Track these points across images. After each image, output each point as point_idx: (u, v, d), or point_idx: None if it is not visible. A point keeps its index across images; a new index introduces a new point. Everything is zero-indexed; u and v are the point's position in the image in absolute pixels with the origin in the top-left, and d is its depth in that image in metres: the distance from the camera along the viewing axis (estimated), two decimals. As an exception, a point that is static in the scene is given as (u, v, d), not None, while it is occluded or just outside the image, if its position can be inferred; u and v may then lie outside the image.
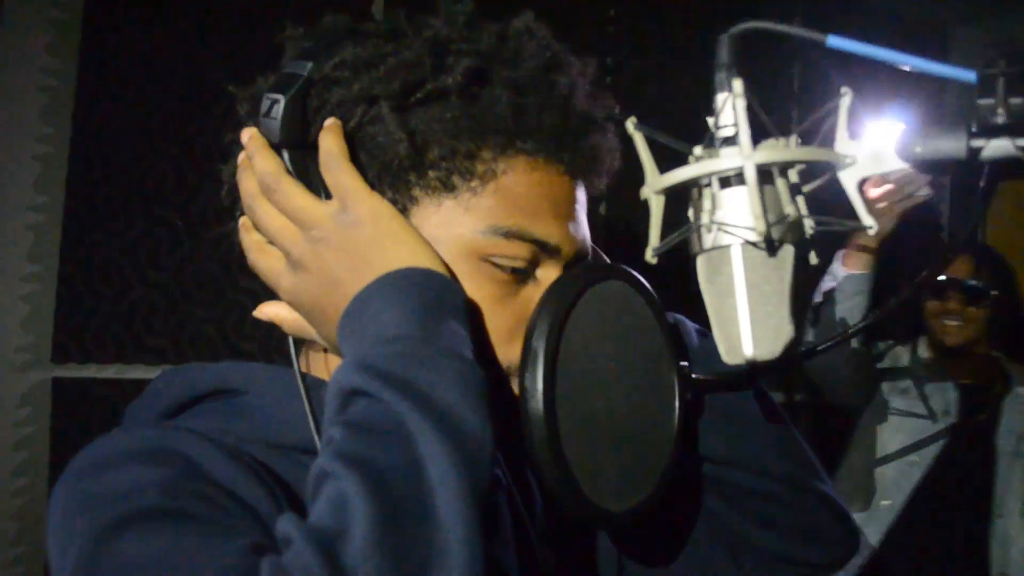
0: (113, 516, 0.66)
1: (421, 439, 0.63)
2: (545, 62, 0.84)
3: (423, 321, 0.70)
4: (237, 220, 0.87)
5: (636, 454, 0.82)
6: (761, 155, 0.67)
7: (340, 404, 0.69)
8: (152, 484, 0.68)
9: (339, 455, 0.63)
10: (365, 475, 0.61)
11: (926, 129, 0.68)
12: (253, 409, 0.84)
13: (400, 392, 0.65)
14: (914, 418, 2.50)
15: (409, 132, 0.80)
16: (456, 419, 0.65)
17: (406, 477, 0.62)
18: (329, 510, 0.61)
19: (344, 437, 0.65)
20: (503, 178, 0.82)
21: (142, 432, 0.76)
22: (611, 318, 0.82)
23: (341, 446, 0.65)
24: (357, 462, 0.62)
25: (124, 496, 0.68)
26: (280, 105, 0.79)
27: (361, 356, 0.69)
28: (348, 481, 0.61)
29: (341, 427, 0.66)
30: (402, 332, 0.70)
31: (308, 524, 0.62)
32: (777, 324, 0.69)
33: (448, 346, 0.70)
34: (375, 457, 0.63)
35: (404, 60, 0.80)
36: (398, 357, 0.68)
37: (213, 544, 0.64)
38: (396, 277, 0.73)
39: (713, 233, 0.70)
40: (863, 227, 0.69)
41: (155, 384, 0.90)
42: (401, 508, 0.61)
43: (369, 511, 0.59)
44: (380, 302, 0.72)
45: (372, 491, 0.60)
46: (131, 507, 0.66)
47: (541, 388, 0.75)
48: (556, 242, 0.83)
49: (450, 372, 0.67)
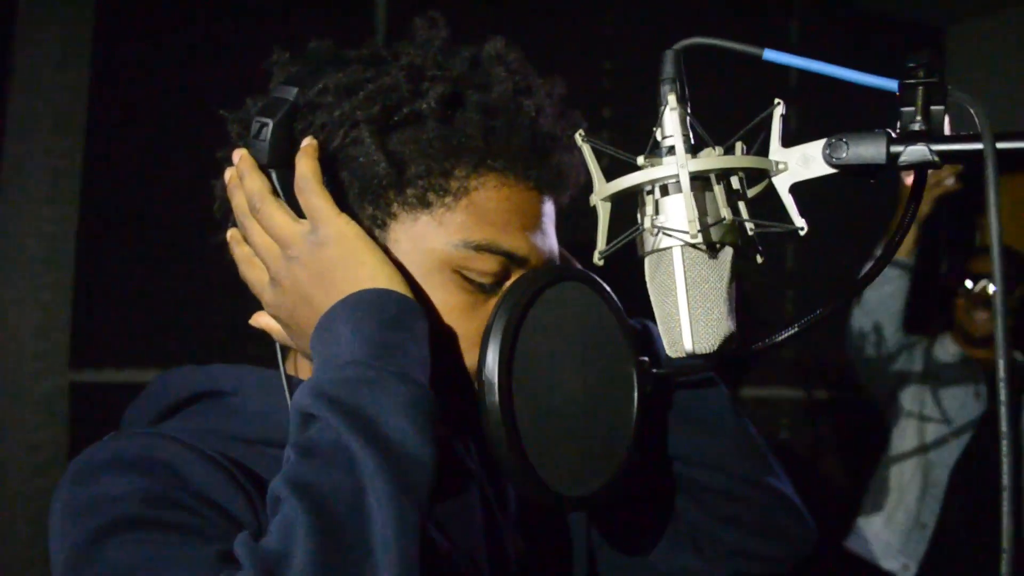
0: (97, 524, 0.72)
1: (363, 465, 0.67)
2: (514, 86, 0.89)
3: (377, 344, 0.74)
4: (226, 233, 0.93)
5: (595, 443, 0.87)
6: (696, 163, 0.72)
7: (299, 425, 0.73)
8: (134, 493, 0.74)
9: (288, 480, 0.68)
10: (310, 501, 0.66)
11: (851, 136, 0.72)
12: (241, 409, 0.90)
13: (346, 418, 0.69)
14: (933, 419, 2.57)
15: (388, 153, 0.85)
16: (398, 444, 0.69)
17: (346, 503, 0.66)
18: (277, 534, 0.66)
19: (295, 461, 0.70)
20: (475, 194, 0.87)
21: (130, 440, 0.82)
22: (569, 317, 0.87)
23: (291, 470, 0.69)
24: (303, 487, 0.67)
25: (108, 504, 0.74)
26: (268, 128, 0.84)
27: (316, 380, 0.74)
28: (294, 506, 0.66)
29: (295, 450, 0.71)
30: (356, 356, 0.74)
31: (257, 547, 0.66)
32: (716, 320, 0.75)
33: (398, 370, 0.73)
34: (320, 482, 0.67)
35: (382, 86, 0.85)
36: (348, 383, 0.72)
37: (186, 552, 0.70)
38: (357, 299, 0.78)
39: (656, 236, 0.75)
40: (795, 228, 0.74)
41: (152, 387, 0.96)
42: (340, 533, 0.65)
43: (310, 536, 0.64)
44: (340, 324, 0.77)
45: (314, 517, 0.65)
46: (114, 516, 0.73)
47: (497, 381, 0.79)
48: (524, 254, 0.88)
49: (398, 396, 0.71)
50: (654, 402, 1.03)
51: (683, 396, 1.04)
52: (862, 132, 0.73)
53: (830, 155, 0.73)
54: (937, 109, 0.72)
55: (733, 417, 1.06)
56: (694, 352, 0.74)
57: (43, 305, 2.18)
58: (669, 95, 0.75)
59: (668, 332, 0.76)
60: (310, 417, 0.72)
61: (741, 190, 0.78)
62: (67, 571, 0.72)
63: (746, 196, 0.78)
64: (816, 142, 0.74)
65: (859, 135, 0.72)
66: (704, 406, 1.05)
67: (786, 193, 0.75)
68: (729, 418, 1.06)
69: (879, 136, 0.71)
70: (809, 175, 0.75)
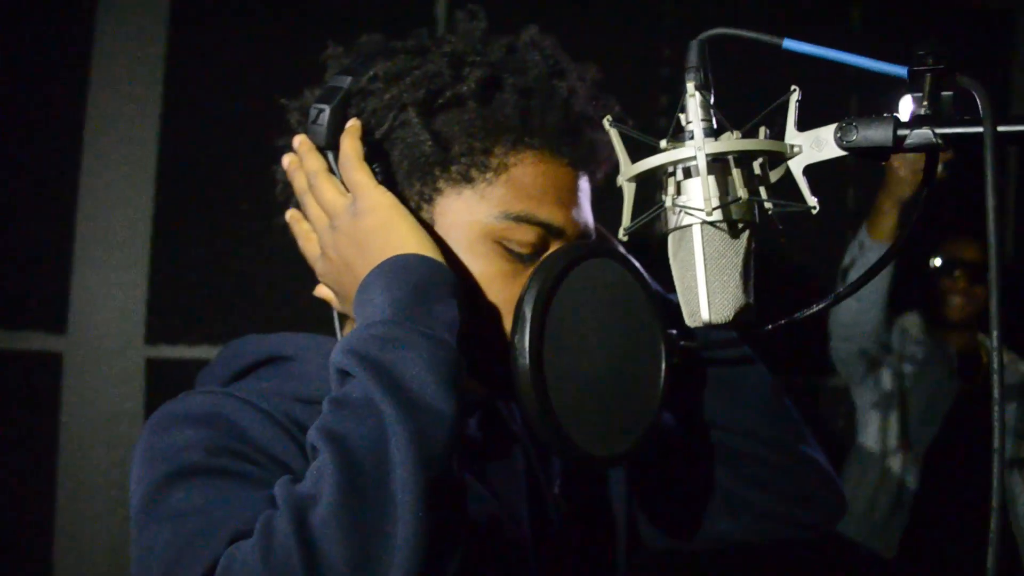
0: (167, 470, 0.81)
1: (386, 415, 0.73)
2: (548, 69, 0.95)
3: (406, 305, 0.80)
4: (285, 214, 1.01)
5: (622, 407, 0.92)
6: (713, 146, 0.77)
7: (337, 380, 0.80)
8: (199, 443, 0.83)
9: (320, 429, 0.75)
10: (337, 448, 0.72)
11: (861, 120, 0.77)
12: (301, 372, 0.98)
13: (373, 372, 0.75)
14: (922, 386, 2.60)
15: (433, 133, 0.92)
16: (419, 396, 0.75)
17: (370, 450, 0.72)
18: (309, 478, 0.73)
19: (328, 412, 0.77)
20: (514, 170, 0.93)
21: (200, 397, 0.90)
22: (600, 290, 0.93)
23: (324, 421, 0.76)
24: (332, 436, 0.73)
25: (177, 453, 0.82)
26: (325, 114, 0.92)
27: (348, 339, 0.80)
28: (325, 454, 0.72)
29: (329, 403, 0.78)
30: (385, 316, 0.80)
31: (292, 488, 0.73)
32: (732, 292, 0.80)
33: (423, 328, 0.79)
34: (347, 431, 0.73)
35: (427, 72, 0.93)
36: (375, 340, 0.78)
37: (241, 496, 0.78)
38: (390, 264, 0.84)
39: (678, 214, 0.81)
40: (808, 207, 0.79)
41: (223, 353, 1.04)
42: (363, 477, 0.71)
43: (335, 480, 0.70)
44: (374, 288, 0.83)
45: (340, 463, 0.71)
46: (181, 463, 0.81)
47: (528, 346, 0.85)
48: (560, 224, 0.94)
49: (421, 352, 0.77)
50: (692, 373, 1.08)
51: (720, 367, 1.09)
52: (871, 116, 0.77)
53: (841, 138, 0.77)
54: (945, 95, 0.76)
55: (767, 387, 1.11)
56: (710, 321, 0.79)
57: (121, 285, 2.28)
58: (690, 83, 0.80)
59: (687, 303, 0.81)
60: (344, 373, 0.78)
61: (763, 173, 0.83)
62: (140, 509, 0.81)
63: (768, 179, 0.83)
64: (828, 126, 0.78)
65: (868, 119, 0.77)
66: (739, 376, 1.10)
67: (800, 174, 0.80)
68: (763, 388, 1.11)
69: (887, 120, 0.76)
70: (822, 157, 0.79)
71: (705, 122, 0.80)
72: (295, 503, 0.70)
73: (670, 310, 1.06)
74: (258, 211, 2.30)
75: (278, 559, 0.67)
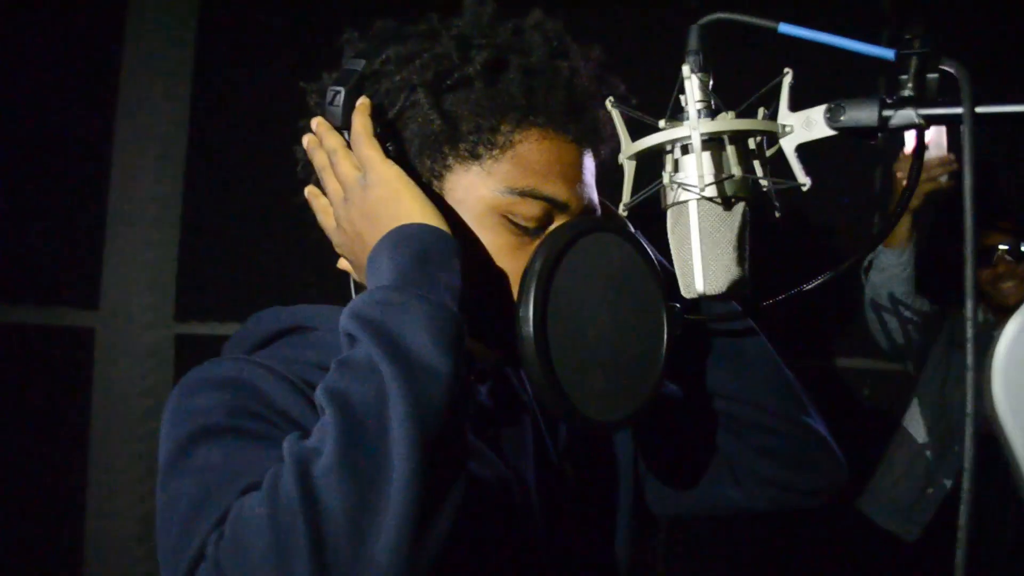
0: (191, 430, 0.87)
1: (385, 375, 0.77)
2: (551, 50, 0.99)
3: (408, 271, 0.84)
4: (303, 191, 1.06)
5: (624, 375, 0.96)
6: (708, 125, 0.82)
7: (346, 344, 0.84)
8: (222, 406, 0.88)
9: (325, 388, 0.79)
10: (340, 406, 0.76)
11: (848, 101, 0.81)
12: (321, 341, 1.03)
13: (374, 334, 0.80)
14: None
15: (442, 112, 0.97)
16: (417, 356, 0.78)
17: (369, 407, 0.76)
18: (315, 434, 0.77)
19: (333, 372, 0.81)
20: (519, 147, 0.97)
21: (224, 364, 0.96)
22: (603, 263, 0.97)
23: (329, 380, 0.80)
24: (335, 394, 0.78)
25: (201, 414, 0.88)
26: (341, 95, 0.97)
27: (354, 303, 0.85)
28: (328, 410, 0.77)
29: (335, 364, 0.82)
30: (388, 282, 0.85)
31: (298, 443, 0.78)
32: (725, 265, 0.84)
33: (424, 293, 0.83)
34: (349, 390, 0.77)
35: (435, 54, 0.97)
36: (378, 304, 0.82)
37: (260, 454, 0.83)
38: (396, 233, 0.88)
39: (675, 191, 0.85)
40: (799, 184, 0.83)
41: (248, 323, 1.10)
42: (363, 433, 0.75)
43: (337, 435, 0.75)
44: (381, 256, 0.88)
45: (342, 419, 0.75)
46: (204, 424, 0.87)
47: (532, 314, 0.89)
48: (564, 199, 0.98)
49: (420, 315, 0.81)
50: (697, 344, 1.12)
51: (724, 339, 1.14)
52: (858, 98, 0.81)
53: (830, 118, 0.82)
54: (931, 77, 0.80)
55: (769, 358, 1.16)
56: (704, 293, 0.84)
57: (152, 262, 2.33)
58: (686, 65, 0.84)
59: (684, 275, 0.86)
60: (350, 337, 0.83)
61: (758, 151, 0.87)
62: (166, 465, 0.87)
63: (764, 156, 0.87)
64: (818, 107, 0.82)
65: (855, 100, 0.81)
66: (742, 347, 1.14)
67: (791, 153, 0.84)
68: (765, 359, 1.15)
69: (872, 101, 0.80)
70: (812, 136, 0.83)
71: (702, 103, 0.84)
72: (300, 456, 0.75)
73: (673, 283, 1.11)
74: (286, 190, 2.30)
75: (282, 507, 0.72)
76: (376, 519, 0.72)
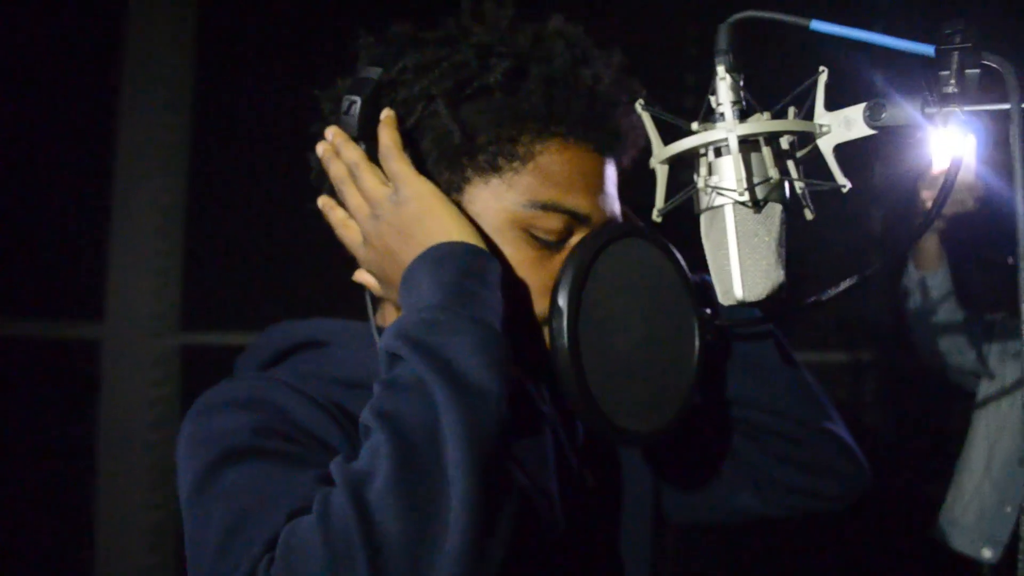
0: (217, 453, 0.83)
1: (437, 397, 0.75)
2: (572, 57, 0.97)
3: (453, 291, 0.82)
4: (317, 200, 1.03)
5: (657, 385, 0.94)
6: (744, 127, 0.79)
7: (386, 364, 0.82)
8: (246, 427, 0.85)
9: (374, 410, 0.77)
10: (392, 428, 0.74)
11: (890, 98, 0.78)
12: (337, 356, 1.00)
13: (424, 355, 0.78)
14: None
15: (461, 123, 0.94)
16: (469, 379, 0.77)
17: (422, 430, 0.74)
18: (365, 456, 0.75)
19: (380, 394, 0.79)
20: (540, 158, 0.95)
21: (242, 383, 0.93)
22: (633, 270, 0.94)
23: (377, 402, 0.78)
24: (386, 416, 0.75)
25: (223, 437, 0.85)
26: (357, 105, 0.94)
27: (399, 323, 0.82)
28: (379, 433, 0.75)
29: (381, 385, 0.80)
30: (433, 301, 0.82)
31: (348, 466, 0.75)
32: (764, 270, 0.81)
33: (471, 313, 0.81)
34: (400, 412, 0.76)
35: (454, 63, 0.94)
36: (425, 325, 0.80)
37: (291, 475, 0.80)
38: (435, 251, 0.86)
39: (710, 195, 0.83)
40: (839, 186, 0.80)
41: (260, 339, 1.07)
42: (417, 456, 0.73)
43: (390, 458, 0.73)
44: (420, 275, 0.85)
45: (395, 442, 0.73)
46: (228, 446, 0.84)
47: (566, 328, 0.87)
48: (586, 212, 0.95)
49: (470, 336, 0.79)
50: (717, 351, 1.10)
51: (744, 345, 1.11)
52: (899, 95, 0.78)
53: (870, 117, 0.79)
54: (971, 72, 0.78)
55: (790, 365, 1.13)
56: (744, 300, 0.81)
57: (156, 272, 2.32)
58: (720, 65, 0.81)
59: (721, 282, 0.83)
60: (395, 357, 0.80)
61: (791, 151, 0.84)
62: (192, 494, 0.83)
63: (796, 157, 0.85)
64: (857, 106, 0.80)
65: (896, 98, 0.78)
66: (764, 354, 1.12)
67: (830, 154, 0.81)
68: (787, 365, 1.13)
69: (914, 99, 0.77)
70: (851, 136, 0.81)
71: (735, 104, 0.82)
72: (352, 480, 0.73)
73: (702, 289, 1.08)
74: (290, 198, 2.28)
75: (337, 534, 0.70)
76: (436, 544, 0.70)
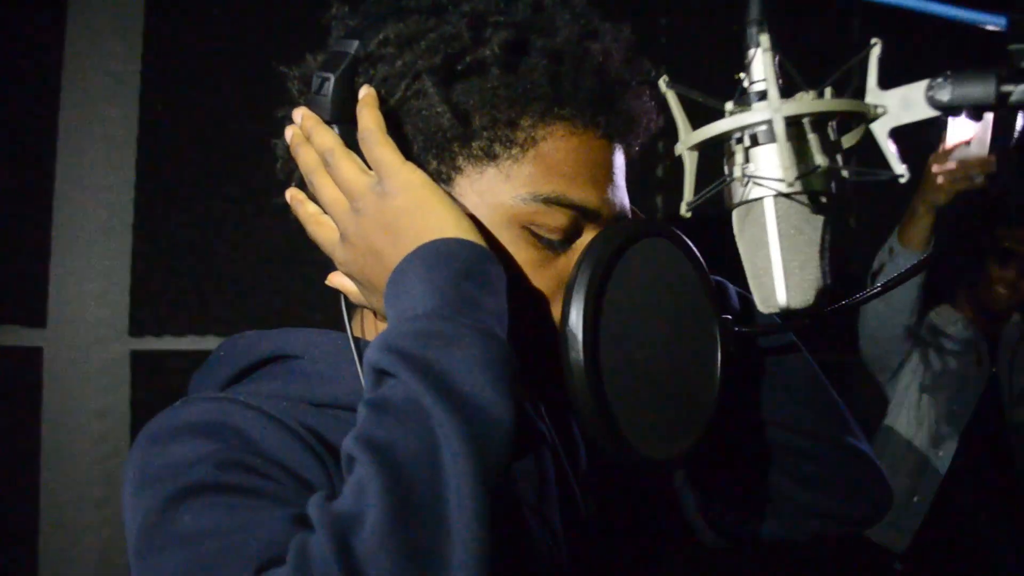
0: (171, 489, 0.71)
1: (437, 423, 0.63)
2: (579, 30, 0.85)
3: (450, 296, 0.71)
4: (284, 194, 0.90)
5: (680, 403, 0.84)
6: (790, 107, 0.68)
7: (372, 382, 0.70)
8: (206, 458, 0.72)
9: (360, 438, 0.65)
10: (382, 461, 0.62)
11: (956, 75, 0.68)
12: (310, 373, 0.88)
13: (419, 373, 0.66)
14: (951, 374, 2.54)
15: (451, 104, 0.82)
16: (472, 400, 0.65)
17: (420, 462, 0.63)
18: (350, 494, 0.63)
19: (368, 418, 0.66)
20: (542, 145, 0.83)
21: (199, 405, 0.80)
22: (653, 273, 0.84)
23: (363, 428, 0.66)
24: (376, 446, 0.63)
25: (181, 470, 0.72)
26: (330, 83, 0.82)
27: (387, 334, 0.70)
28: (367, 466, 0.63)
29: (367, 407, 0.68)
30: (428, 309, 0.70)
31: (330, 508, 0.63)
32: (811, 273, 0.71)
33: (473, 323, 0.70)
34: (393, 441, 0.64)
35: (443, 35, 0.82)
36: (419, 336, 0.69)
37: (260, 517, 0.68)
38: (428, 250, 0.74)
39: (746, 186, 0.72)
40: (896, 176, 0.70)
41: (217, 352, 0.94)
42: (414, 494, 0.61)
43: (383, 497, 0.61)
44: (410, 277, 0.74)
45: (387, 477, 0.62)
46: (187, 481, 0.71)
47: (581, 336, 0.76)
48: (595, 207, 0.84)
49: (474, 351, 0.68)
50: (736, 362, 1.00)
51: (761, 357, 1.01)
52: (968, 71, 0.68)
53: (933, 96, 0.69)
54: (1046, 46, 0.68)
55: (813, 378, 1.03)
56: (788, 307, 0.71)
57: (102, 273, 2.19)
58: (760, 36, 0.70)
59: (760, 287, 0.72)
60: (382, 373, 0.69)
61: (834, 137, 0.74)
62: (142, 537, 0.70)
63: (840, 144, 0.75)
64: (917, 83, 0.70)
65: (964, 74, 0.68)
66: (783, 367, 1.01)
67: (885, 139, 0.71)
68: (808, 378, 1.03)
69: (988, 75, 0.67)
70: (910, 119, 0.70)
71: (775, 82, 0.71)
72: (335, 525, 0.61)
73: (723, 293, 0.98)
74: (244, 195, 2.21)
75: None
76: None
